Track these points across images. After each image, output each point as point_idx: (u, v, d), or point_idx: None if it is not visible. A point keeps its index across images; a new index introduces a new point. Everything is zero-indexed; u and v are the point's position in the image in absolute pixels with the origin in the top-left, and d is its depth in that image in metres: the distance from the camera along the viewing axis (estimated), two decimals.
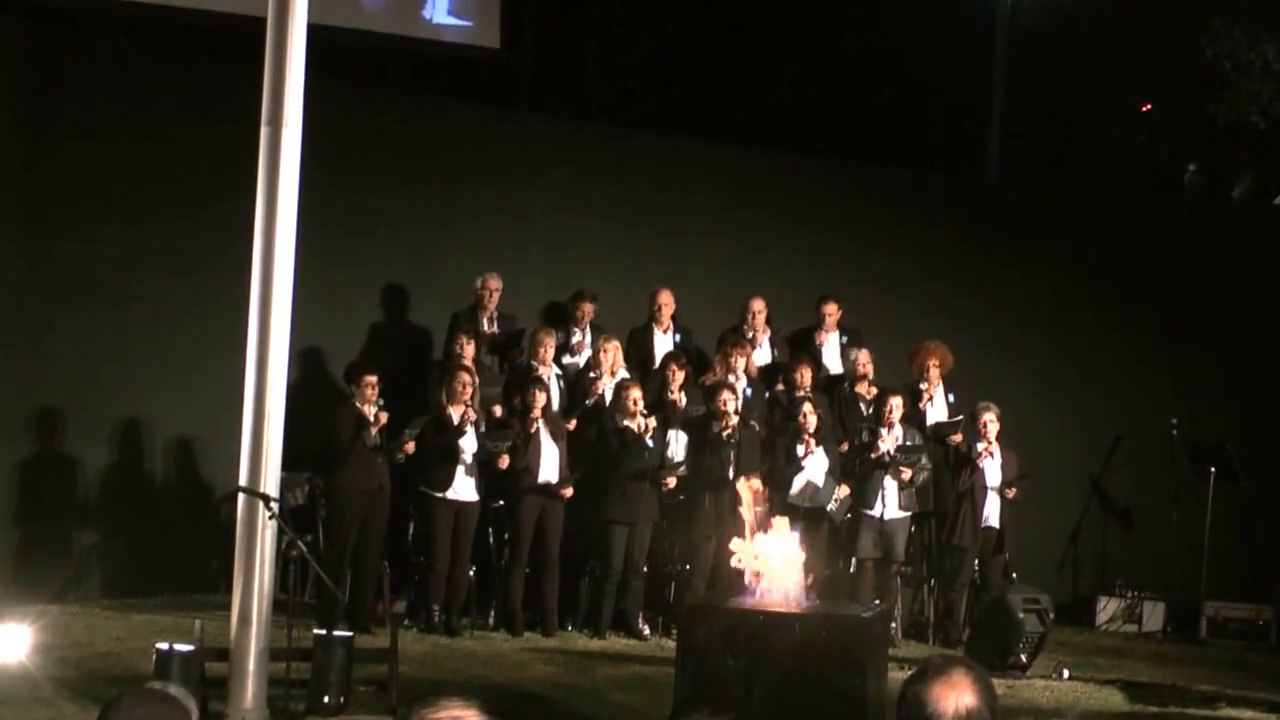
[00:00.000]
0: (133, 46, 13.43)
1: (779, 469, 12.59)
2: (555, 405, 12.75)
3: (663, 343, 13.69)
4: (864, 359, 13.54)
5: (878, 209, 15.94)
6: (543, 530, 12.33)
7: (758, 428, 12.90)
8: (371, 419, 11.77)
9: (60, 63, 12.67)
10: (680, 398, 12.96)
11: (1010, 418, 13.62)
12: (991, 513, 13.20)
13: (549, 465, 12.32)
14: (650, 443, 12.39)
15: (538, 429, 12.29)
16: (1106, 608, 14.82)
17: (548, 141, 15.27)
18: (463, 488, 12.10)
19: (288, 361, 8.98)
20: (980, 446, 13.13)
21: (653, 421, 12.41)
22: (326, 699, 8.93)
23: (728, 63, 19.79)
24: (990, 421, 13.18)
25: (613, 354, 12.99)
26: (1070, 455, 15.66)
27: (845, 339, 14.01)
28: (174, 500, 13.03)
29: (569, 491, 12.29)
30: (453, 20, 16.08)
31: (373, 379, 11.85)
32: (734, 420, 12.37)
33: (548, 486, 12.26)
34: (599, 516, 12.43)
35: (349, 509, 11.85)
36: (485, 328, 13.26)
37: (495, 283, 13.31)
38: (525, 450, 12.22)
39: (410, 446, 11.94)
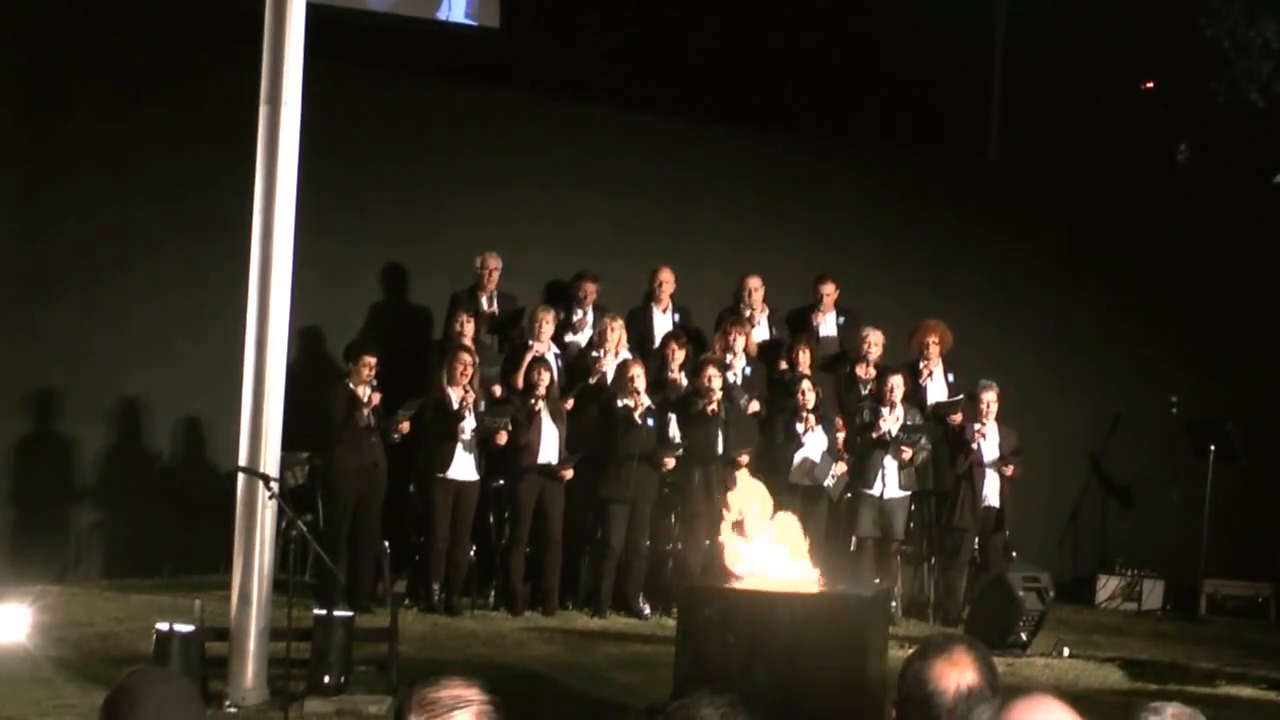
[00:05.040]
0: (131, 24, 13.37)
1: (778, 447, 12.60)
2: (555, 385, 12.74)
3: (662, 322, 13.68)
4: (875, 339, 13.50)
5: (877, 188, 15.91)
6: (544, 510, 12.32)
7: (756, 406, 12.90)
8: (365, 399, 11.76)
9: (58, 40, 12.63)
10: (680, 377, 12.95)
11: (1010, 396, 13.61)
12: (991, 492, 13.20)
13: (549, 445, 12.31)
14: (648, 422, 12.36)
15: (540, 409, 12.28)
16: (1106, 586, 14.82)
17: (546, 120, 15.23)
18: (462, 467, 12.10)
19: (287, 341, 8.97)
20: (975, 427, 13.12)
21: (643, 399, 12.39)
22: (327, 679, 8.93)
23: (727, 41, 19.73)
24: (991, 401, 13.17)
25: (618, 333, 12.98)
26: (1070, 434, 15.66)
27: (843, 319, 13.99)
28: (173, 480, 13.02)
29: (569, 473, 12.29)
30: (466, 21, 16.02)
31: (371, 359, 11.85)
32: (718, 395, 12.35)
33: (547, 467, 12.26)
34: (597, 496, 12.43)
35: (343, 489, 11.86)
36: (485, 307, 13.26)
37: (495, 262, 13.30)
38: (527, 429, 12.22)
39: (405, 426, 11.94)
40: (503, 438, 12.16)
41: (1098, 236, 16.06)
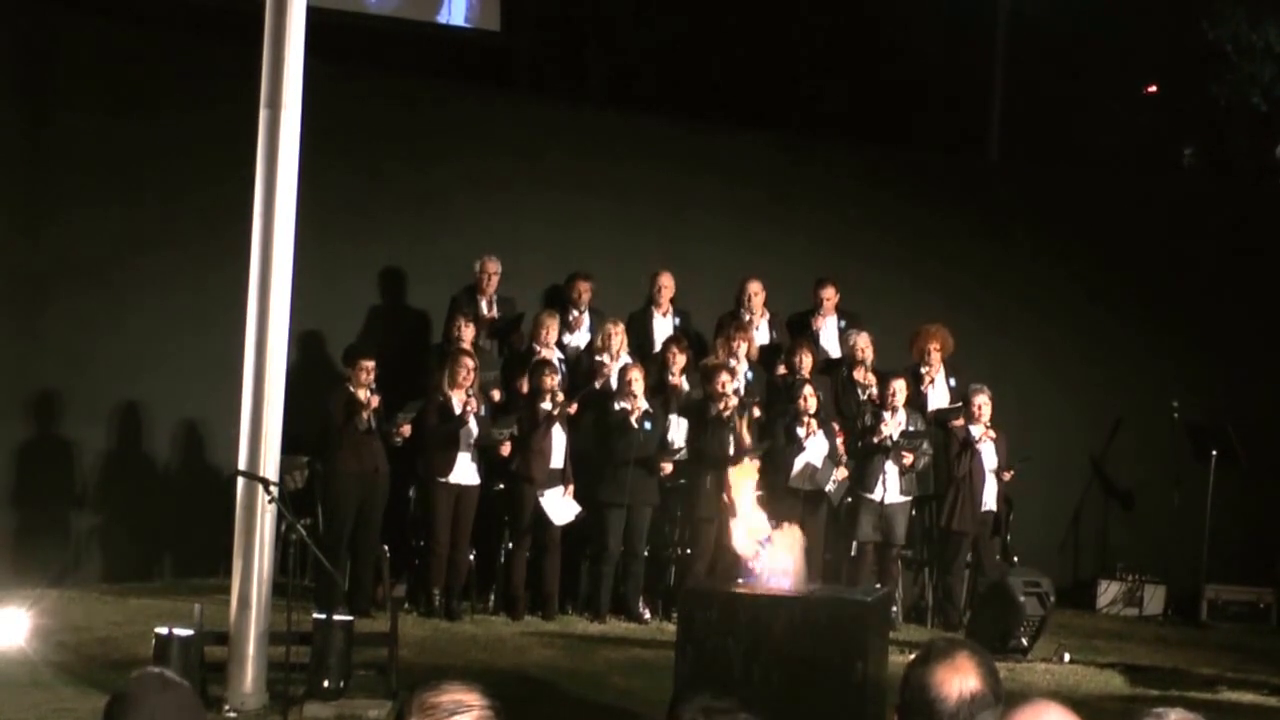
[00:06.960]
0: (132, 27, 13.38)
1: (779, 451, 12.57)
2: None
3: (662, 326, 13.65)
4: (863, 343, 13.44)
5: (878, 191, 15.89)
6: (543, 514, 12.29)
7: (757, 412, 12.87)
8: (365, 402, 11.73)
9: (58, 42, 12.63)
10: (681, 381, 12.92)
11: (1012, 400, 13.59)
12: (989, 497, 13.17)
13: (559, 451, 12.29)
14: (645, 426, 12.33)
15: (557, 414, 12.23)
16: (1107, 591, 14.80)
17: (547, 123, 15.22)
18: (463, 471, 12.07)
19: (287, 344, 8.95)
20: (978, 431, 13.09)
21: (641, 403, 12.36)
22: (326, 683, 8.91)
23: (727, 44, 19.75)
24: (984, 404, 13.14)
25: (619, 338, 12.94)
26: (1071, 438, 15.63)
27: (843, 323, 13.95)
28: (173, 484, 13.01)
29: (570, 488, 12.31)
30: (466, 24, 16.03)
31: (369, 363, 11.81)
32: (733, 401, 12.33)
33: (559, 475, 12.28)
34: (594, 499, 12.41)
35: (345, 492, 11.81)
36: (484, 311, 13.22)
37: (494, 266, 13.27)
38: (544, 434, 12.16)
39: (406, 429, 11.91)
40: (506, 449, 12.13)
41: (1098, 238, 16.04)
